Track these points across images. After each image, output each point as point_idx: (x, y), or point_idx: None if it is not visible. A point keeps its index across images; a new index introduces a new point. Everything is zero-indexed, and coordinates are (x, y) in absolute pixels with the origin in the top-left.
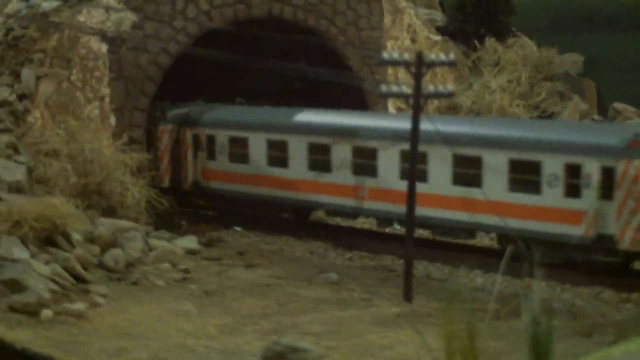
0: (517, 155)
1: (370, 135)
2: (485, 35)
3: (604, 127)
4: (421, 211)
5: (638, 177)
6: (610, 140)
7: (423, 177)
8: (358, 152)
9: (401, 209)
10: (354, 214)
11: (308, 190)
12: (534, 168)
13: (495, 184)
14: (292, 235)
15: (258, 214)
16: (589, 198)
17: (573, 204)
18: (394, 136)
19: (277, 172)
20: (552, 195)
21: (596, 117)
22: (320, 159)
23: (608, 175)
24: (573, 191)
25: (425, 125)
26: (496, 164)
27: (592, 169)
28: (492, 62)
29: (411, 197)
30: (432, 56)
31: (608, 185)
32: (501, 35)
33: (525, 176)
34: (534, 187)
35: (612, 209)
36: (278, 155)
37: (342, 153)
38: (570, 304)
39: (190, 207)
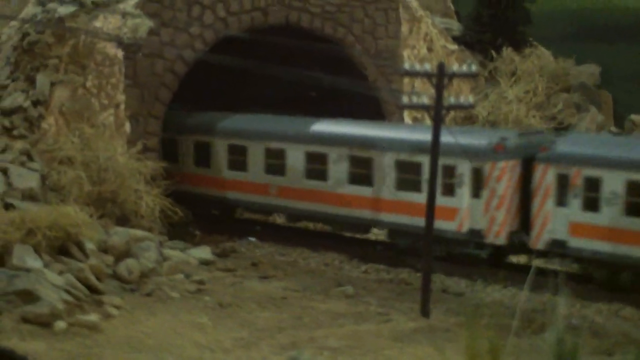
0: (401, 156)
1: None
2: (502, 45)
3: (478, 131)
4: (323, 208)
5: (500, 177)
6: (479, 143)
7: (323, 177)
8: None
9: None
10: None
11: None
12: (417, 168)
13: (385, 183)
14: (307, 247)
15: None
16: (462, 196)
17: (448, 201)
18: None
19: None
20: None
21: (612, 128)
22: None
23: (477, 175)
24: (448, 190)
25: (326, 128)
26: (386, 165)
27: (464, 169)
28: (509, 72)
29: (430, 211)
30: (454, 67)
31: (477, 185)
32: (518, 45)
33: (410, 176)
34: (417, 186)
35: (480, 206)
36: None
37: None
38: (590, 320)
39: None
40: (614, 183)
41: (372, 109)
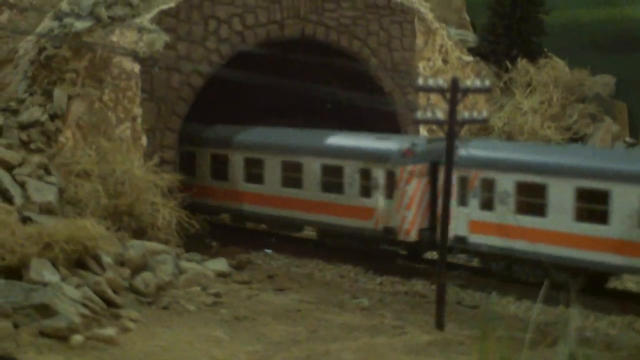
0: (326, 161)
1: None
2: (517, 56)
3: (393, 137)
4: (259, 209)
5: (410, 180)
6: (391, 149)
7: (260, 180)
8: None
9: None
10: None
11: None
12: (339, 172)
13: (312, 185)
14: (323, 258)
15: None
16: (377, 197)
17: (366, 202)
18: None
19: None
20: (351, 195)
21: (627, 138)
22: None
23: (390, 178)
24: (366, 191)
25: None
26: (313, 169)
27: (378, 173)
28: (524, 83)
29: (444, 223)
30: (467, 82)
31: (390, 187)
32: (533, 56)
33: (332, 179)
34: (338, 188)
35: (393, 206)
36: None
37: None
38: (604, 333)
39: None
40: (505, 184)
41: (388, 120)
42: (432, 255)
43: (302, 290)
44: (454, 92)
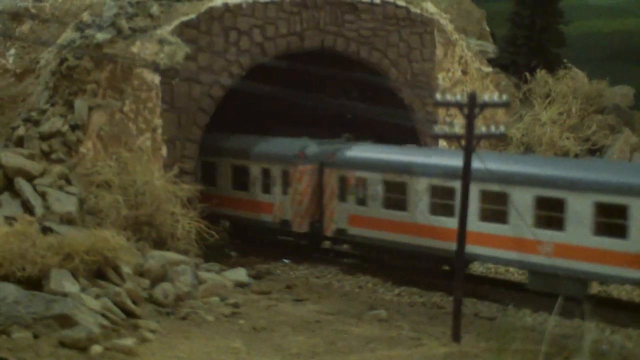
0: (237, 162)
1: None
2: (536, 67)
3: (290, 141)
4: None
5: (301, 178)
6: (286, 151)
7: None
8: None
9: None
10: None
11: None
12: (246, 172)
13: (225, 183)
14: (341, 269)
15: None
16: (275, 193)
17: (267, 197)
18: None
19: None
20: (255, 192)
21: None
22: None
23: (285, 176)
24: (266, 188)
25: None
26: (225, 170)
27: (276, 172)
28: (543, 94)
29: (461, 235)
30: (485, 96)
31: (285, 184)
32: (552, 67)
33: (243, 178)
34: (245, 186)
35: (287, 201)
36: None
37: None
38: (620, 346)
39: None
40: (375, 182)
41: (408, 131)
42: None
43: (320, 301)
44: (472, 107)
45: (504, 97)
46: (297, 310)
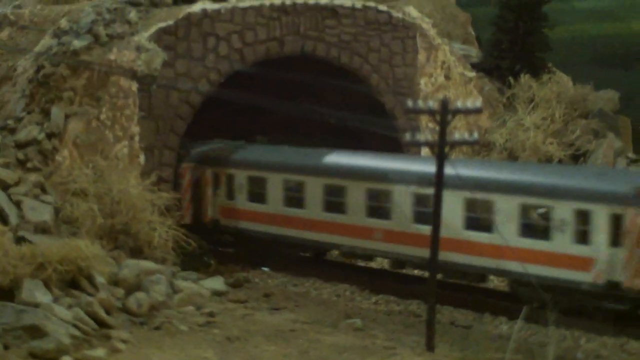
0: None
1: None
2: (520, 72)
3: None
4: None
5: (184, 175)
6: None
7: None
8: None
9: None
10: None
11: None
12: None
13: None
14: (320, 277)
15: None
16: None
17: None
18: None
19: None
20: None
21: (631, 154)
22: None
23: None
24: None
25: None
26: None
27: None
28: (526, 99)
29: (434, 243)
30: (458, 103)
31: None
32: (537, 72)
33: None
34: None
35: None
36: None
37: None
38: (595, 354)
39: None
40: (239, 178)
41: (389, 137)
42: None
43: (297, 310)
44: (444, 114)
45: (477, 102)
46: (273, 319)
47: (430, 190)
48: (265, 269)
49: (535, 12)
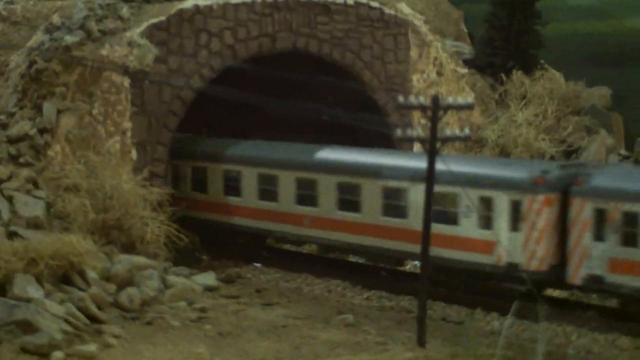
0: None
1: None
2: (513, 68)
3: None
4: None
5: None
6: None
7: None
8: None
9: None
10: None
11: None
12: None
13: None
14: (312, 273)
15: None
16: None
17: None
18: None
19: None
20: None
21: (623, 151)
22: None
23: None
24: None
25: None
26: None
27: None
28: (519, 96)
29: (426, 238)
30: (449, 99)
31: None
32: (530, 68)
33: None
34: None
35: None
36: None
37: None
38: (586, 350)
39: None
40: (184, 168)
41: (384, 133)
42: None
43: (289, 305)
44: (435, 110)
45: (469, 99)
46: (266, 314)
47: (352, 179)
48: (258, 264)
49: (528, 10)
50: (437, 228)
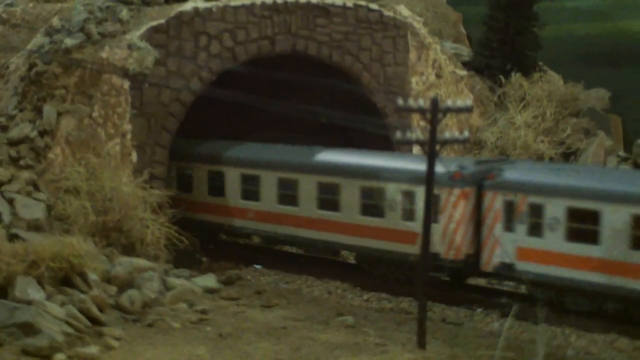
0: None
1: None
2: (511, 70)
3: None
4: None
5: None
6: None
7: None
8: None
9: None
10: None
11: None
12: None
13: None
14: (312, 274)
15: None
16: None
17: None
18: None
19: None
20: None
21: (621, 153)
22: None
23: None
24: None
25: None
26: None
27: None
28: (518, 98)
29: (426, 240)
30: (448, 102)
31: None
32: (527, 70)
33: None
34: None
35: None
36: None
37: None
38: (585, 351)
39: None
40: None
41: (383, 135)
42: None
43: (289, 307)
44: (434, 113)
45: (468, 101)
46: (265, 316)
47: (291, 175)
48: (258, 266)
49: (525, 11)
50: (366, 220)
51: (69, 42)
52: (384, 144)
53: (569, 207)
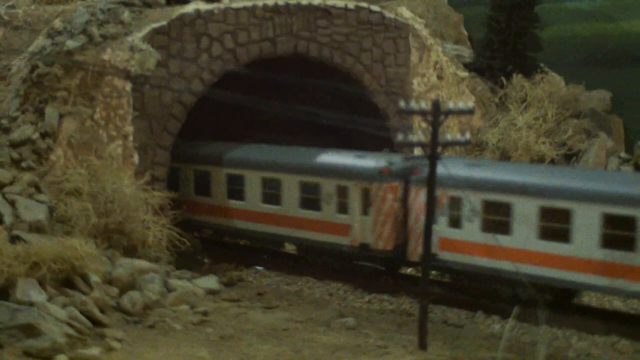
0: None
1: None
2: (512, 72)
3: None
4: None
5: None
6: None
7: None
8: None
9: None
10: None
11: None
12: None
13: None
14: (313, 276)
15: None
16: None
17: None
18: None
19: None
20: None
21: (623, 154)
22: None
23: None
24: None
25: None
26: None
27: None
28: (519, 99)
29: (427, 240)
30: (450, 104)
31: None
32: (528, 71)
33: None
34: None
35: None
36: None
37: None
38: (586, 353)
39: None
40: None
41: (384, 136)
42: None
43: (290, 309)
44: (436, 115)
45: (470, 103)
46: (267, 318)
47: (238, 171)
48: (259, 267)
49: (526, 12)
50: (305, 214)
51: (70, 44)
52: (385, 144)
53: (484, 200)
